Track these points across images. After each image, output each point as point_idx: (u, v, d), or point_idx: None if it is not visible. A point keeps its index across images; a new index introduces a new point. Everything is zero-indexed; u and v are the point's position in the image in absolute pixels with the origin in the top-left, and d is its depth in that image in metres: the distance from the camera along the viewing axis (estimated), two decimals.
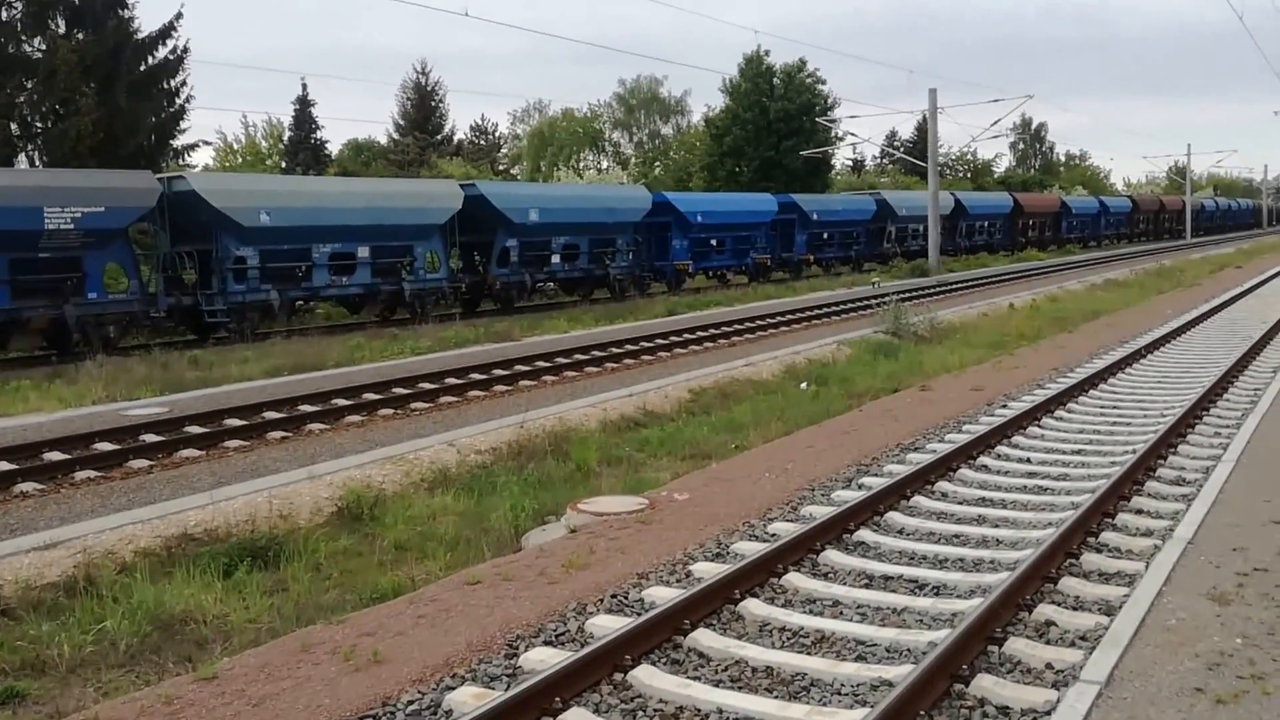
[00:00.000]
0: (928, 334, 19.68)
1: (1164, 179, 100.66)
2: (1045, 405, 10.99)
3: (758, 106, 46.89)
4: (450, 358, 17.88)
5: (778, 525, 7.35)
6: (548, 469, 10.29)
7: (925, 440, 10.00)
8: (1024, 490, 8.20)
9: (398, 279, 25.47)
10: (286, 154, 55.72)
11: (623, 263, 30.74)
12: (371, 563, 7.66)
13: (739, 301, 28.25)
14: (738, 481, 8.70)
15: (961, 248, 45.75)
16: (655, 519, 7.64)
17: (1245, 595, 4.79)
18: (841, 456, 9.46)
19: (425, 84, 61.91)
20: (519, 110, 72.65)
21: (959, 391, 12.53)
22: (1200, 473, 8.22)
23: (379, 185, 27.31)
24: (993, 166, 75.58)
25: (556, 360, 17.00)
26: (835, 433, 10.61)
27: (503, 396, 14.14)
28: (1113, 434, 10.01)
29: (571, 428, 11.87)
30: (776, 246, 36.31)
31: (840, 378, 15.12)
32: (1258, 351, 14.58)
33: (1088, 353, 15.38)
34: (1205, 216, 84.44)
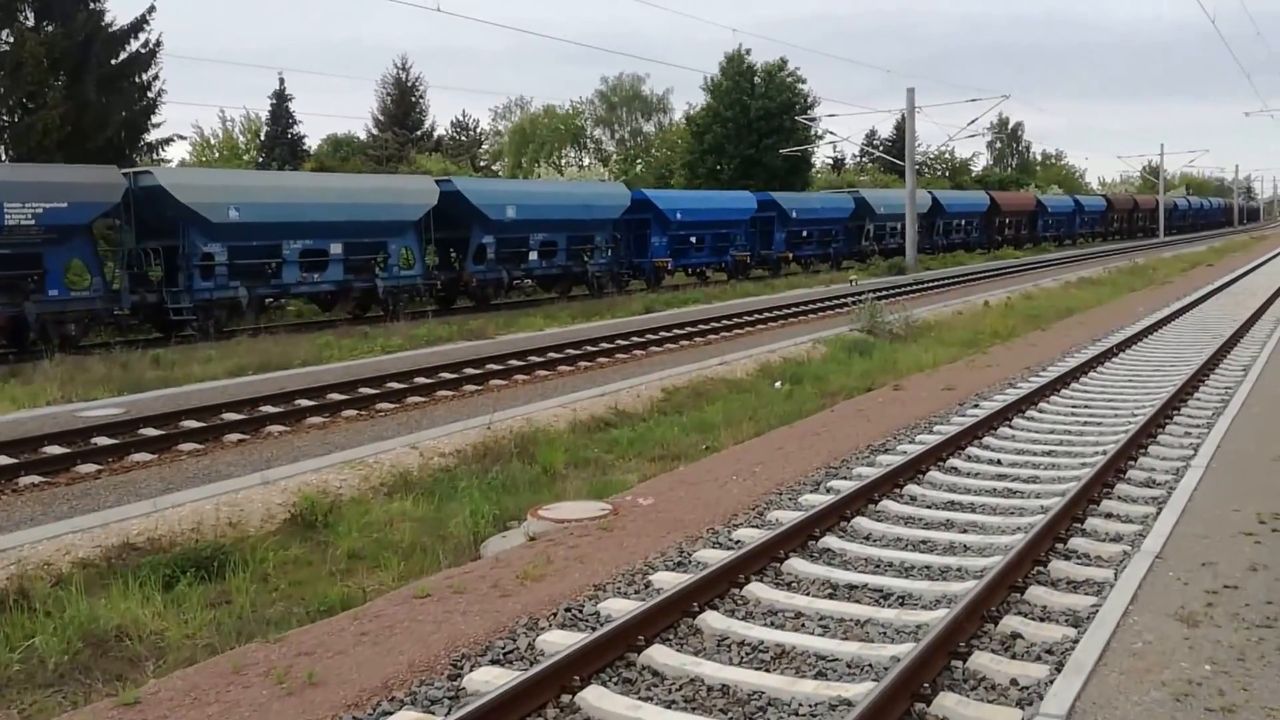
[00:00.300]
0: (903, 332, 19.55)
1: (1138, 178, 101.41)
2: (1016, 405, 10.85)
3: (738, 105, 46.72)
4: (421, 356, 17.59)
5: (743, 532, 7.15)
6: (513, 472, 10.04)
7: (896, 441, 9.84)
8: (993, 493, 8.04)
9: (371, 276, 25.12)
10: (263, 149, 55.14)
11: (601, 260, 30.50)
12: (322, 573, 7.40)
13: (717, 299, 28.07)
14: (704, 485, 8.50)
15: (939, 246, 45.77)
16: (618, 525, 7.42)
17: (1214, 616, 4.58)
18: (811, 458, 9.27)
19: (405, 79, 61.37)
20: (500, 107, 72.15)
21: (931, 391, 12.38)
22: (1170, 474, 8.09)
23: (352, 181, 26.92)
24: (970, 165, 75.78)
25: (529, 359, 16.75)
26: (806, 433, 10.43)
27: (472, 396, 13.88)
28: (1083, 434, 9.88)
29: (540, 429, 11.62)
30: (756, 244, 36.16)
31: (814, 376, 14.95)
32: (1228, 349, 14.52)
33: (1060, 351, 15.28)
34: (1178, 215, 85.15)
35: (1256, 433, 8.36)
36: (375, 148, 57.60)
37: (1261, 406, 9.41)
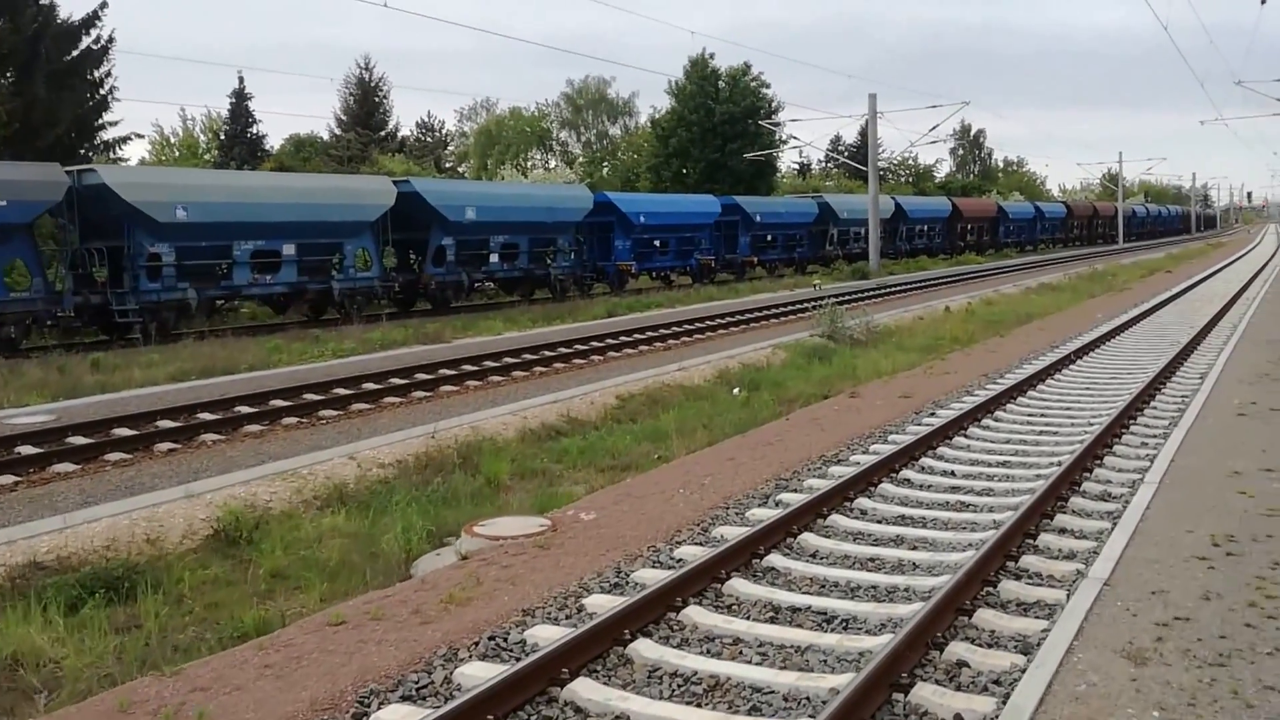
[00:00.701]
0: (863, 337, 19.39)
1: (1098, 185, 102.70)
2: (973, 413, 10.65)
3: (703, 109, 46.55)
4: (373, 360, 17.15)
5: (685, 550, 6.85)
6: (455, 484, 9.68)
7: (850, 451, 9.59)
8: (946, 506, 7.80)
9: (326, 277, 24.62)
10: (221, 148, 54.16)
11: (564, 263, 30.15)
12: (241, 594, 7.01)
13: (680, 303, 27.82)
14: (650, 499, 8.19)
15: (902, 251, 45.87)
16: (555, 543, 7.09)
17: (1164, 653, 4.28)
18: (762, 469, 9.00)
19: (368, 79, 60.62)
20: (466, 108, 71.55)
21: (888, 398, 12.17)
22: (1125, 487, 7.90)
23: (306, 180, 26.36)
24: (934, 172, 76.26)
25: (484, 364, 16.38)
26: (759, 443, 10.16)
27: (420, 403, 13.48)
28: (1039, 444, 9.69)
29: (488, 437, 11.27)
30: (720, 248, 35.97)
31: (772, 383, 14.71)
32: (1185, 357, 14.46)
33: (1018, 357, 15.15)
34: (1137, 222, 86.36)
35: (1211, 447, 8.20)
36: (337, 148, 56.85)
37: (1216, 419, 9.27)
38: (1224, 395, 10.46)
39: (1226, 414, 9.47)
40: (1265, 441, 8.31)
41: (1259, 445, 8.20)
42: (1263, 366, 12.27)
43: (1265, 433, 8.65)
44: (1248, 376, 11.58)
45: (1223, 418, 9.31)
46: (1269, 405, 9.91)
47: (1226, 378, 11.51)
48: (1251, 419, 9.30)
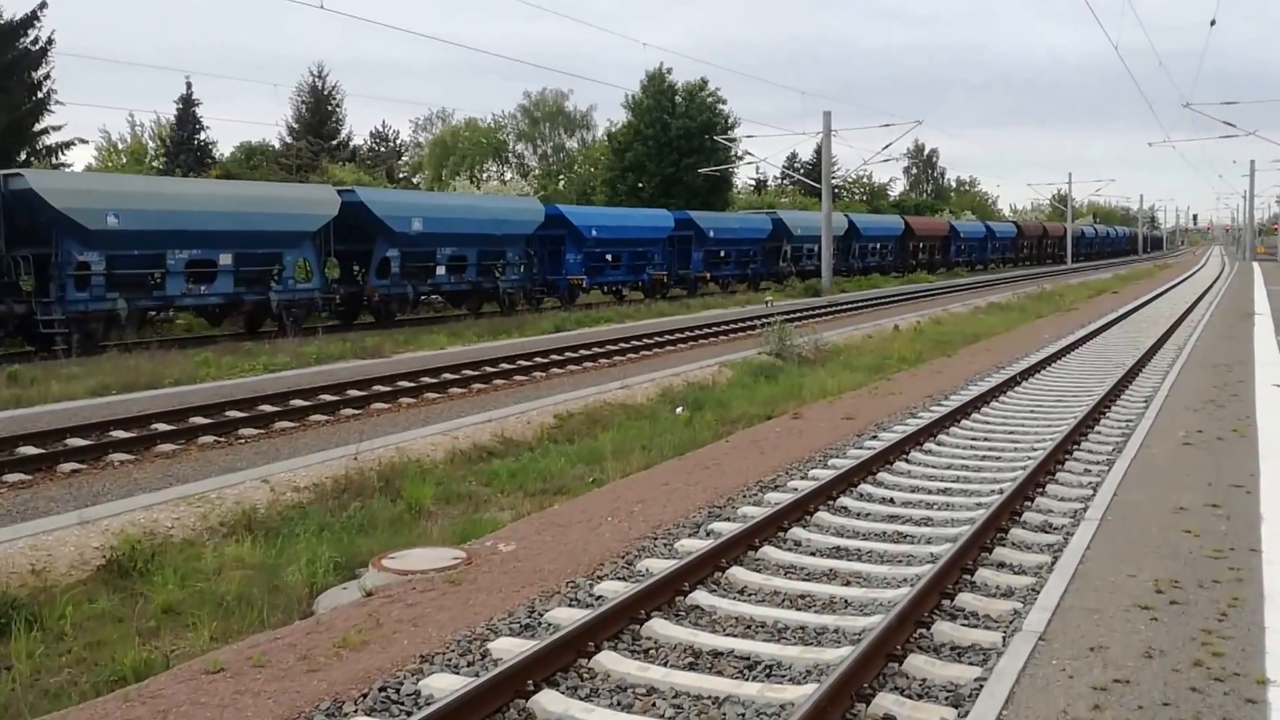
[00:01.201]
0: (812, 356, 19.17)
1: (1048, 206, 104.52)
2: (915, 437, 10.39)
3: (659, 123, 46.41)
4: (306, 376, 16.56)
5: (606, 586, 6.44)
6: (374, 510, 9.19)
7: (788, 476, 9.26)
8: (883, 537, 7.49)
9: (265, 289, 23.86)
10: (168, 155, 52.91)
11: (514, 276, 29.65)
12: (129, 632, 6.47)
13: (631, 318, 27.47)
14: (575, 527, 7.78)
15: (855, 268, 46.00)
16: (468, 578, 6.64)
17: None
18: (696, 496, 8.63)
19: (321, 87, 59.72)
20: (421, 119, 70.76)
21: (831, 420, 11.89)
22: (1067, 517, 7.66)
23: (244, 188, 25.60)
24: (889, 190, 76.97)
25: (421, 379, 15.88)
26: (696, 466, 9.79)
27: (348, 422, 12.95)
28: (981, 470, 9.44)
29: (414, 459, 10.78)
30: (673, 263, 35.71)
31: (717, 402, 14.39)
32: (1131, 379, 14.38)
33: (964, 378, 14.99)
34: (1085, 243, 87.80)
35: (1155, 479, 7.97)
36: (288, 156, 55.84)
37: (1160, 447, 9.07)
38: (1169, 422, 10.29)
39: (1171, 442, 9.28)
40: (1211, 473, 8.09)
41: (1205, 478, 7.97)
42: (1208, 392, 12.17)
43: (1211, 464, 8.43)
44: (1193, 402, 11.46)
45: (1167, 446, 9.11)
46: (1215, 434, 9.71)
47: (1172, 403, 11.36)
48: (1197, 448, 9.10)
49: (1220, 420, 10.30)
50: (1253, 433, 9.67)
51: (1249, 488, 7.63)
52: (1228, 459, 8.57)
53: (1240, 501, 7.25)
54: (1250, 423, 10.11)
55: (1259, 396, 11.68)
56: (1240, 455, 8.71)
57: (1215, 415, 10.61)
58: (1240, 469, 8.23)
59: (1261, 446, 9.00)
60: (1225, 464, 8.40)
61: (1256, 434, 9.59)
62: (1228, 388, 12.40)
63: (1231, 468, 8.26)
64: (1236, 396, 11.75)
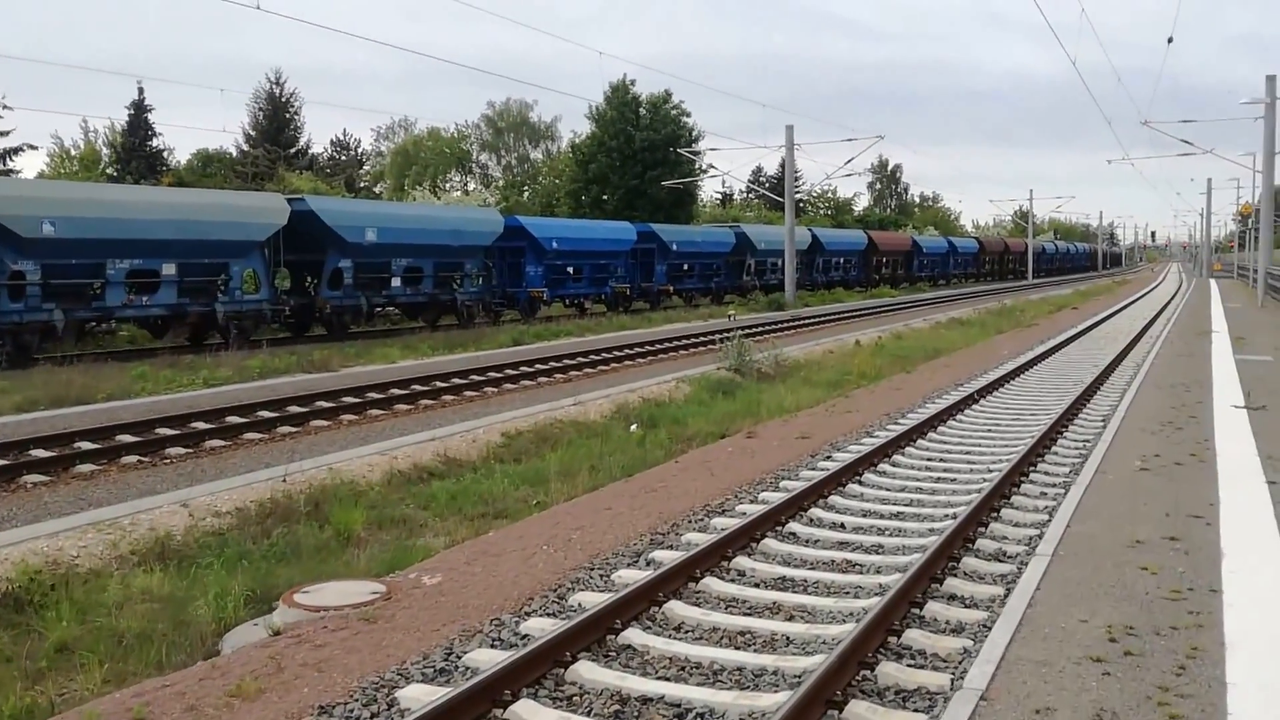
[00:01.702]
0: (771, 371, 18.88)
1: (1010, 222, 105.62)
2: (870, 457, 10.07)
3: (623, 135, 46.12)
4: (247, 390, 15.98)
5: (533, 623, 6.01)
6: (300, 536, 8.69)
7: (737, 500, 8.88)
8: (831, 566, 7.12)
9: (210, 300, 23.18)
10: (119, 162, 51.78)
11: (472, 289, 29.13)
12: (13, 673, 5.93)
13: (591, 332, 27.06)
14: (508, 557, 7.34)
15: (819, 283, 45.95)
16: (385, 615, 6.18)
17: None
18: (639, 521, 8.22)
19: (279, 94, 58.84)
20: (383, 127, 69.98)
21: (785, 439, 11.54)
22: (1022, 545, 7.34)
23: (189, 196, 24.89)
24: (853, 205, 77.32)
25: (367, 395, 15.35)
26: (642, 489, 9.39)
27: (284, 440, 12.42)
28: (935, 493, 9.11)
29: (349, 481, 10.27)
30: (636, 276, 35.37)
31: (671, 419, 14.00)
32: (1089, 397, 14.19)
33: (923, 396, 14.73)
34: (1046, 259, 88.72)
35: (1111, 508, 7.65)
36: (244, 164, 54.89)
37: (1117, 473, 8.77)
38: (1126, 445, 9.99)
39: (1128, 468, 8.98)
40: (1169, 502, 7.75)
41: (1163, 507, 7.64)
42: (1166, 413, 11.90)
43: (1169, 492, 8.08)
44: (1150, 424, 11.19)
45: (1124, 472, 8.80)
46: (1173, 458, 9.25)
47: (1129, 425, 11.08)
48: (1155, 474, 8.68)
49: (1178, 444, 9.99)
50: (1211, 457, 9.31)
51: (1208, 518, 7.26)
52: (1186, 486, 8.24)
53: (1199, 534, 6.90)
54: (1209, 447, 9.74)
55: (1218, 419, 11.33)
56: (1199, 482, 8.34)
57: (1173, 439, 10.29)
58: (1199, 497, 7.86)
59: (1221, 473, 8.65)
60: (1184, 492, 8.05)
61: (1215, 459, 9.22)
62: (1186, 409, 12.13)
63: (1190, 496, 7.91)
64: (1195, 419, 11.39)
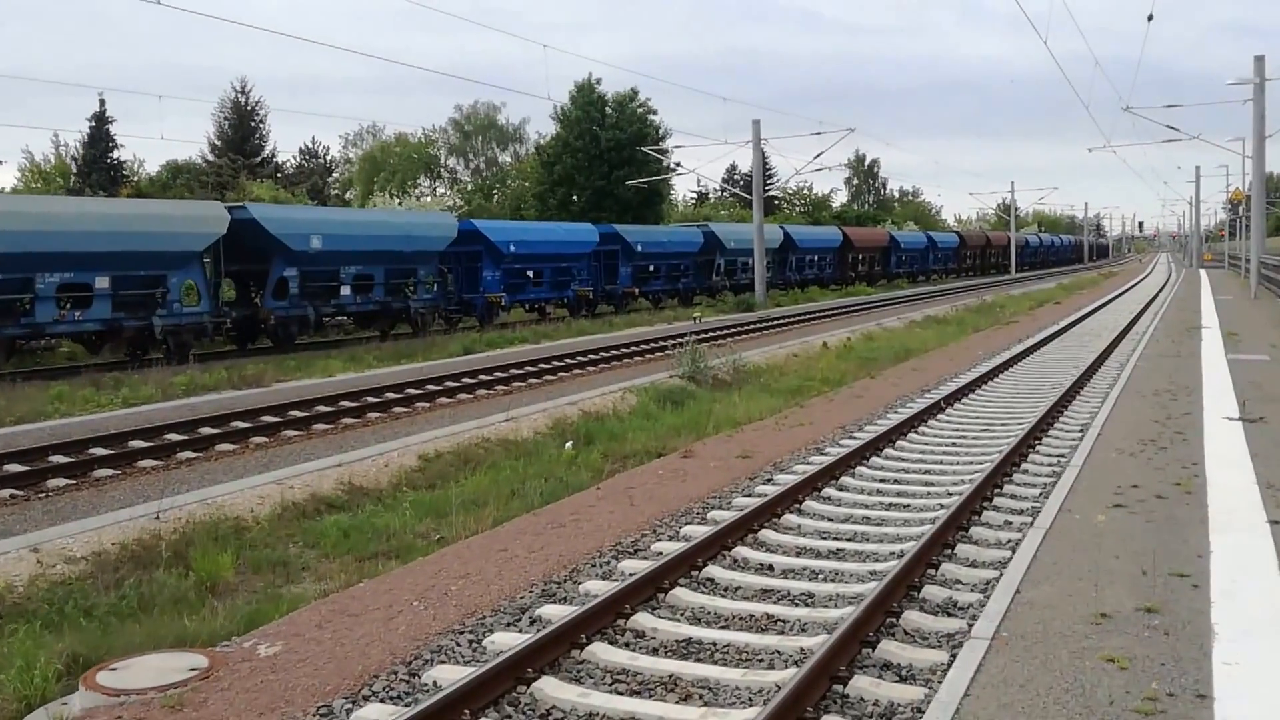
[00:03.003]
0: (729, 378, 17.82)
1: (994, 215, 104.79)
2: (814, 480, 9.00)
3: (589, 135, 45.01)
4: (164, 410, 14.86)
5: (369, 711, 4.92)
6: (159, 585, 7.59)
7: (655, 536, 7.81)
8: (749, 624, 6.04)
9: (148, 313, 21.97)
10: (79, 174, 50.52)
11: (426, 295, 27.96)
12: None
13: (548, 338, 25.93)
14: (369, 617, 6.24)
15: (791, 281, 44.90)
16: (196, 700, 5.08)
17: None
18: (535, 566, 7.13)
19: (245, 103, 57.63)
20: (351, 134, 68.73)
21: (724, 458, 10.46)
22: (962, 616, 6.27)
23: (122, 206, 23.71)
24: (830, 201, 76.36)
25: (289, 414, 14.26)
26: (550, 524, 8.29)
27: (180, 468, 11.28)
28: (883, 525, 8.04)
29: (231, 517, 9.16)
30: (600, 279, 34.26)
31: (610, 435, 12.93)
32: (1067, 402, 13.14)
33: (885, 404, 13.67)
34: (1029, 252, 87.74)
35: (1073, 563, 6.13)
36: (209, 174, 53.64)
37: (1084, 511, 7.26)
38: (1099, 472, 8.65)
39: (1100, 503, 7.48)
40: (1147, 554, 6.28)
41: (1138, 561, 6.14)
42: (1148, 428, 10.37)
43: (1148, 539, 6.61)
44: (1129, 442, 9.65)
45: (1095, 509, 7.32)
46: (1154, 489, 7.86)
47: (1105, 444, 9.75)
48: (1131, 513, 7.23)
49: (1161, 469, 8.54)
50: (1200, 487, 7.87)
51: (1196, 578, 5.85)
52: (1169, 531, 6.81)
53: (1184, 602, 5.48)
54: (1197, 473, 8.35)
55: (1208, 435, 9.87)
56: (1185, 524, 6.95)
57: (1155, 462, 8.83)
58: (1185, 547, 6.45)
59: (1212, 511, 7.21)
60: (1166, 539, 6.63)
61: (1205, 490, 7.80)
62: (1172, 422, 10.67)
63: (1173, 545, 6.49)
64: (1182, 435, 9.94)
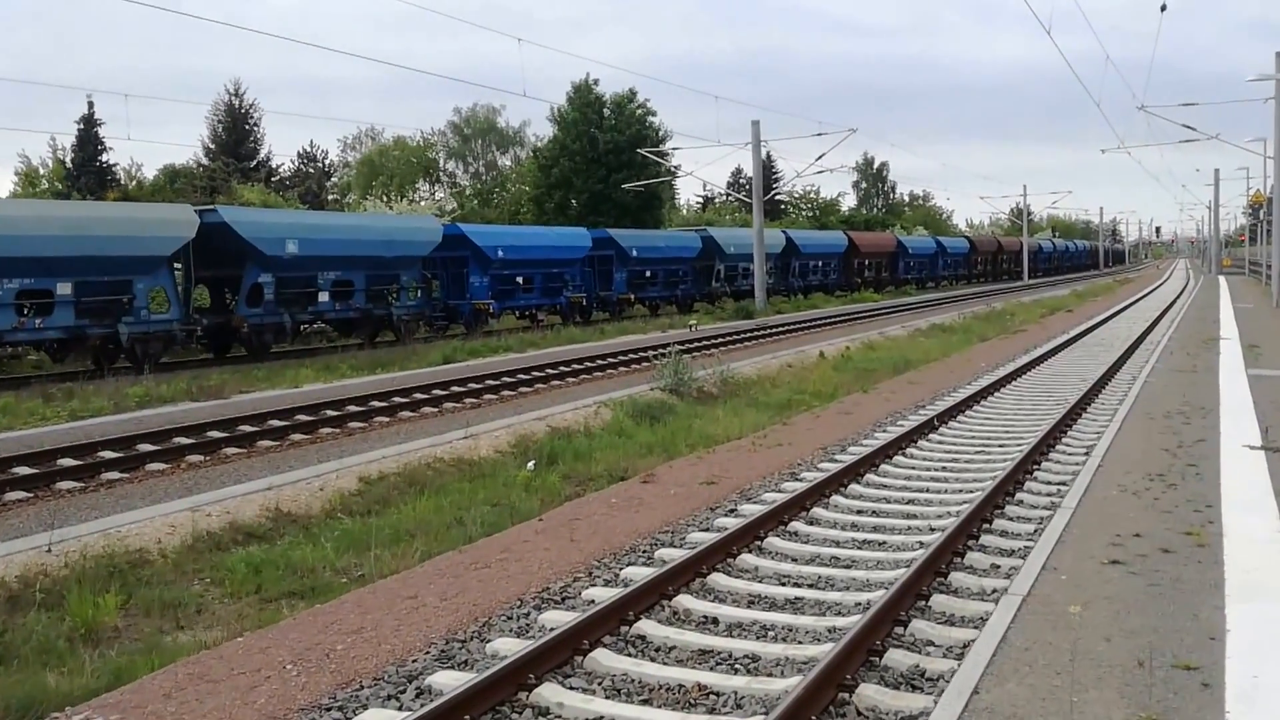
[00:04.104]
0: (716, 391, 16.83)
1: (1007, 220, 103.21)
2: (781, 512, 7.99)
3: (586, 137, 44.06)
4: (106, 426, 14.00)
5: None
6: (31, 632, 6.67)
7: (589, 580, 6.81)
8: (674, 700, 5.02)
9: (113, 320, 21.12)
10: (68, 178, 49.89)
11: (409, 302, 27.05)
12: None
13: (534, 346, 24.96)
14: (229, 683, 5.26)
15: (795, 288, 43.80)
16: None
17: None
18: (442, 618, 6.15)
19: (239, 106, 56.92)
20: (350, 137, 67.97)
21: (687, 485, 9.44)
22: (948, 655, 5.27)
23: (84, 209, 22.89)
24: (838, 205, 75.19)
25: (238, 429, 13.33)
26: (473, 564, 7.30)
27: (98, 491, 10.33)
28: (851, 568, 7.01)
29: (130, 550, 8.22)
30: (593, 285, 33.28)
31: (577, 454, 11.96)
32: (1070, 423, 12.03)
33: (873, 422, 12.62)
34: (1043, 258, 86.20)
35: (1050, 653, 4.75)
36: (202, 177, 52.96)
37: (1073, 570, 5.90)
38: (1096, 514, 7.18)
39: (1092, 559, 6.13)
40: (1147, 633, 4.94)
41: (1132, 650, 4.73)
42: (1156, 458, 9.02)
43: (1145, 615, 5.20)
44: (1133, 478, 8.25)
45: (1085, 570, 5.92)
46: (1159, 541, 6.43)
47: (1105, 478, 8.27)
48: (1128, 574, 5.84)
49: (1169, 513, 7.17)
50: (1216, 539, 6.45)
51: (1207, 673, 4.45)
52: (1175, 599, 5.43)
53: (1191, 710, 4.15)
54: (1213, 518, 6.94)
55: (1225, 468, 8.45)
56: (1195, 590, 5.56)
57: (1163, 503, 7.46)
58: (1194, 624, 5.08)
59: (1229, 571, 5.75)
60: (1171, 612, 5.25)
61: (1221, 541, 6.40)
62: (1184, 451, 9.30)
63: (1180, 620, 5.13)
64: (1195, 468, 8.57)
